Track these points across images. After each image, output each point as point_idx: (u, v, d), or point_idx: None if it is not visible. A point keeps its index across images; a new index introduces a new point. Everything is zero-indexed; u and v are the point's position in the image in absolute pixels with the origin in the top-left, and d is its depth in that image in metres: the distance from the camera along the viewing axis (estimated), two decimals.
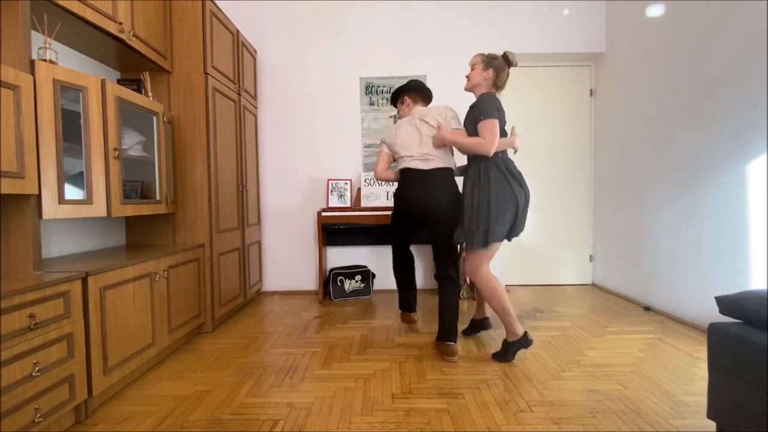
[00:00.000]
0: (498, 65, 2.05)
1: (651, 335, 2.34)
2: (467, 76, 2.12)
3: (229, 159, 2.74)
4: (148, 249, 2.18)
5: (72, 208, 1.63)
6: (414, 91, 2.34)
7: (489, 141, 1.90)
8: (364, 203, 3.28)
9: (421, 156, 2.11)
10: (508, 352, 2.00)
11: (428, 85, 3.49)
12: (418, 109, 2.26)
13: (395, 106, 2.45)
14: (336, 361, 2.03)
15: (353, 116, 3.50)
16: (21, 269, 1.49)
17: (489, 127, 1.91)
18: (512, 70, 2.10)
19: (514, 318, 1.99)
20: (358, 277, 3.29)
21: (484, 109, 1.95)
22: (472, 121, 2.01)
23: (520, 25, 3.45)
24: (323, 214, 3.09)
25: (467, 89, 2.14)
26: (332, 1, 3.46)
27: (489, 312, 2.36)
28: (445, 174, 2.10)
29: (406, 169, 2.16)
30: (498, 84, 2.07)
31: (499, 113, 1.97)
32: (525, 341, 1.99)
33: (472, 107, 2.06)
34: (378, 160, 2.32)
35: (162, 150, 2.23)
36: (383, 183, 3.38)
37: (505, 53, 2.07)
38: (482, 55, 2.10)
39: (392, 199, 3.14)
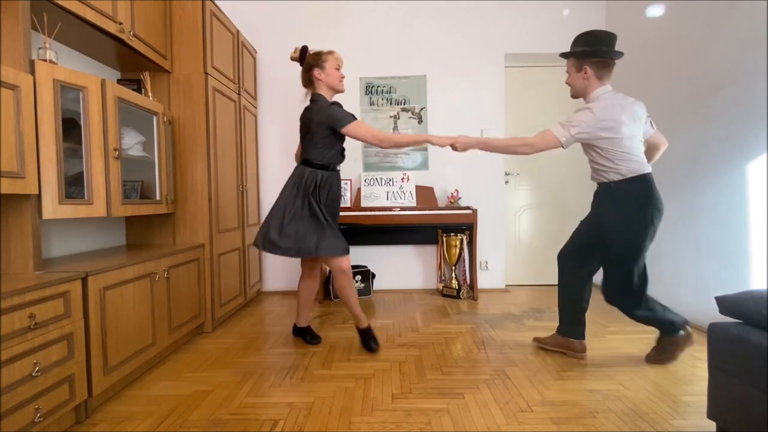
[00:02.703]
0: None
1: (651, 335, 2.33)
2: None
3: (229, 159, 2.74)
4: (148, 249, 2.18)
5: (72, 208, 1.62)
6: (609, 60, 1.82)
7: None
8: (364, 203, 3.27)
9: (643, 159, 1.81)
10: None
11: (428, 85, 3.51)
12: (614, 91, 1.86)
13: (576, 59, 1.87)
14: (336, 361, 2.03)
15: None
16: (21, 269, 1.49)
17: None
18: (512, 70, 2.02)
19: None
20: (358, 277, 3.29)
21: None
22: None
23: (520, 25, 3.44)
24: None
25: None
26: (332, 1, 3.46)
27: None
28: None
29: (646, 174, 1.80)
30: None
31: None
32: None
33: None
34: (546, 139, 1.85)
35: (162, 150, 2.23)
36: (384, 182, 3.35)
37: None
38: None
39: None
